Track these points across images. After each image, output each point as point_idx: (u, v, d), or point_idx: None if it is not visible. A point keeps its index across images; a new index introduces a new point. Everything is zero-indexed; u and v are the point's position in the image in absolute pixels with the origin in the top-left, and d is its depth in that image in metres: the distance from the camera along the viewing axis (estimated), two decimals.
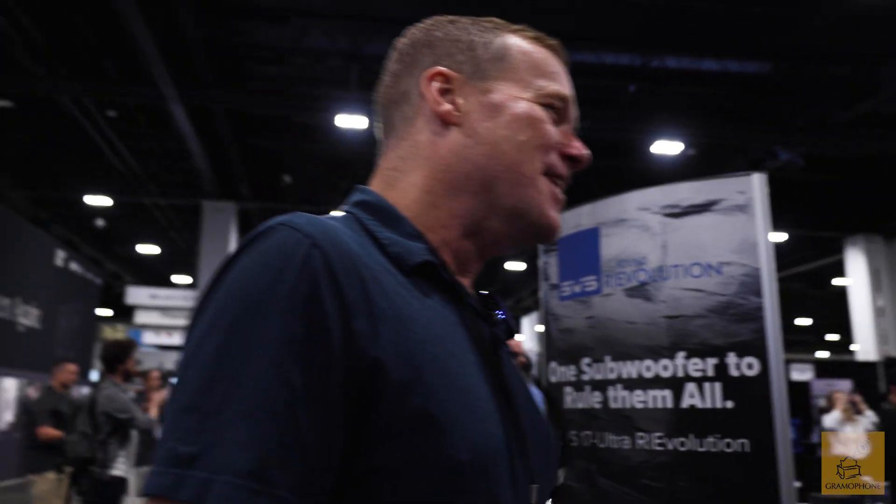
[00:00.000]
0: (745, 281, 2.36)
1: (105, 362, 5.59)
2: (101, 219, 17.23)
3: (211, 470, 0.62)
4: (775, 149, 12.65)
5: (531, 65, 0.95)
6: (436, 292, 0.83)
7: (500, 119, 0.91)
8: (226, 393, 0.64)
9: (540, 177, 0.91)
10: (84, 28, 10.33)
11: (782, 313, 9.16)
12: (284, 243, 0.72)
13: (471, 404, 0.75)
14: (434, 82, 0.94)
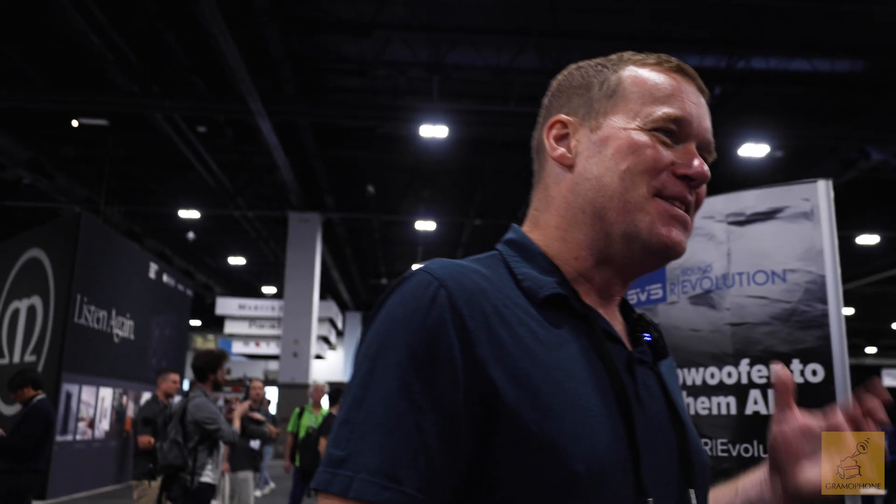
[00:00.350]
0: (810, 288, 2.34)
1: (196, 371, 5.71)
2: (192, 231, 17.78)
3: (353, 470, 0.77)
4: (867, 149, 12.23)
5: (642, 93, 0.98)
6: (567, 321, 0.91)
7: (605, 153, 0.96)
8: (368, 409, 0.80)
9: (649, 200, 0.94)
10: (174, 47, 10.75)
11: (877, 317, 8.80)
12: (418, 285, 0.86)
13: (588, 421, 0.82)
14: (553, 130, 1.02)
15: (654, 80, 0.98)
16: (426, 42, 10.91)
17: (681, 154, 0.96)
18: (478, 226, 17.67)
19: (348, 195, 16.51)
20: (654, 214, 0.93)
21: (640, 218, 0.93)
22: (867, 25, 10.22)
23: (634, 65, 1.00)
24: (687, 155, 0.96)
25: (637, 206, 0.93)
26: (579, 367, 0.87)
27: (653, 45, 9.34)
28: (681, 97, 0.97)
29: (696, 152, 0.97)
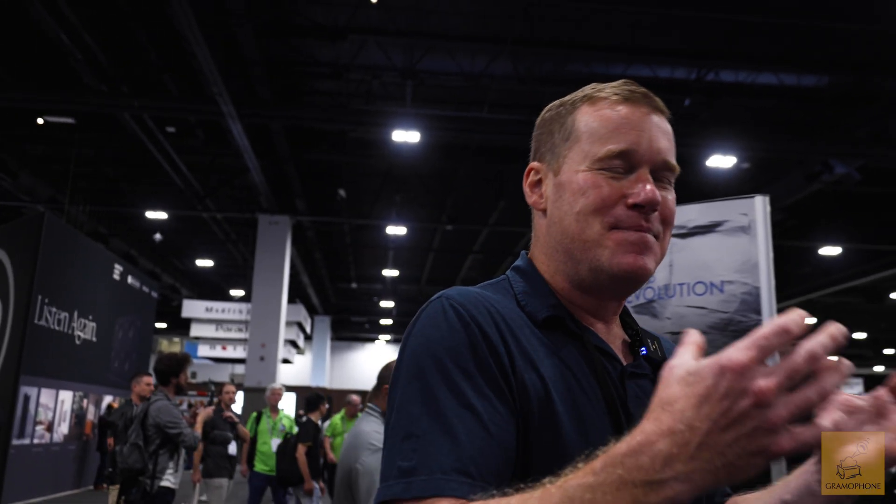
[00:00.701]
0: (746, 299, 2.43)
1: (158, 375, 5.67)
2: (159, 233, 17.58)
3: (427, 473, 0.84)
4: (831, 162, 12.45)
5: (590, 133, 1.05)
6: (564, 339, 1.02)
7: (563, 197, 1.05)
8: (429, 421, 0.88)
9: (605, 234, 1.01)
10: (145, 46, 10.63)
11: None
12: (445, 310, 0.96)
13: (585, 429, 0.94)
14: (529, 177, 1.13)
15: (601, 119, 1.04)
16: (401, 47, 10.91)
17: (631, 183, 1.01)
18: (449, 231, 17.70)
19: (319, 198, 16.44)
20: (613, 246, 1.00)
21: (600, 253, 1.01)
22: (832, 42, 10.44)
23: (588, 104, 1.07)
24: (636, 184, 1.01)
25: (595, 242, 1.01)
26: (575, 381, 0.97)
27: (626, 56, 9.46)
28: (625, 129, 1.03)
29: (648, 178, 1.01)
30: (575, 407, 0.95)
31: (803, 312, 0.70)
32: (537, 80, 11.28)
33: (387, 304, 28.01)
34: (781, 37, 10.41)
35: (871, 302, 24.36)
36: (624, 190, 1.01)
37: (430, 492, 0.83)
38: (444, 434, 0.86)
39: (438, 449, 0.85)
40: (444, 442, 0.86)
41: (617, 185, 1.01)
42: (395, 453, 0.88)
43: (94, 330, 12.74)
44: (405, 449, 0.87)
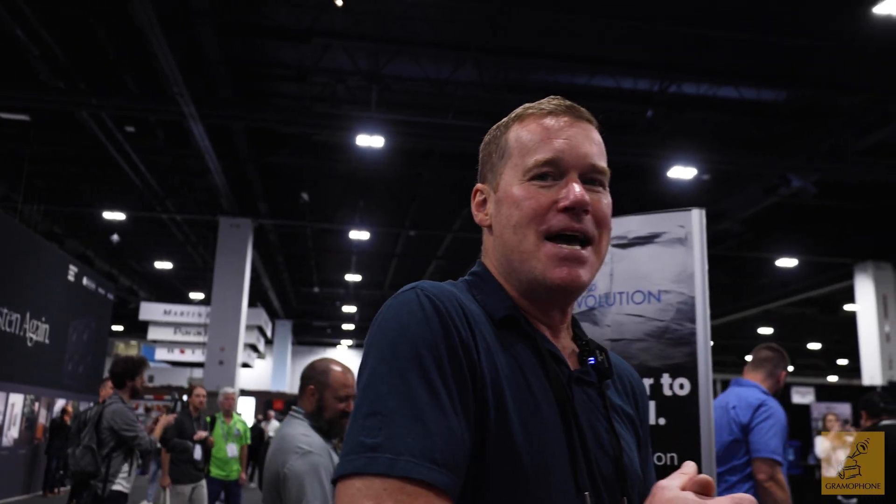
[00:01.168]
0: (681, 308, 2.51)
1: (114, 378, 5.63)
2: (117, 234, 17.30)
3: (394, 453, 0.85)
4: (789, 176, 12.68)
5: (521, 147, 1.12)
6: (519, 340, 1.06)
7: (502, 212, 1.12)
8: (396, 401, 0.89)
9: (541, 245, 1.07)
10: (105, 44, 10.44)
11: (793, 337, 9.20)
12: (419, 299, 0.99)
13: (536, 427, 0.98)
14: (475, 199, 1.20)
15: (528, 133, 1.12)
16: (366, 51, 10.88)
17: (560, 188, 1.07)
18: (412, 237, 17.68)
19: (282, 202, 16.31)
20: (545, 260, 1.06)
21: (535, 265, 1.07)
22: (792, 58, 10.65)
23: (518, 122, 1.15)
24: (565, 188, 1.07)
25: (530, 254, 1.07)
26: (531, 381, 1.01)
27: (590, 67, 9.52)
28: (549, 139, 1.10)
29: (576, 181, 1.08)
30: (526, 403, 0.99)
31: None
32: (502, 87, 11.32)
33: (349, 308, 27.89)
34: (743, 52, 10.58)
35: (825, 313, 24.86)
36: (554, 196, 1.07)
37: (399, 472, 0.84)
38: (414, 419, 0.88)
39: (406, 431, 0.87)
40: (413, 426, 0.87)
41: (548, 192, 1.07)
42: (358, 429, 0.89)
43: (47, 332, 12.48)
44: (369, 426, 0.88)
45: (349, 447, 0.89)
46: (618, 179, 4.99)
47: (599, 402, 1.12)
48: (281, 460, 2.71)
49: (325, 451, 2.77)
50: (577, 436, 1.02)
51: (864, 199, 15.23)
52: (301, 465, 2.65)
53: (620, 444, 1.09)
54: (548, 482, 0.95)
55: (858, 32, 9.69)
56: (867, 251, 16.70)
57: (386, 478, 0.84)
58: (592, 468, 1.02)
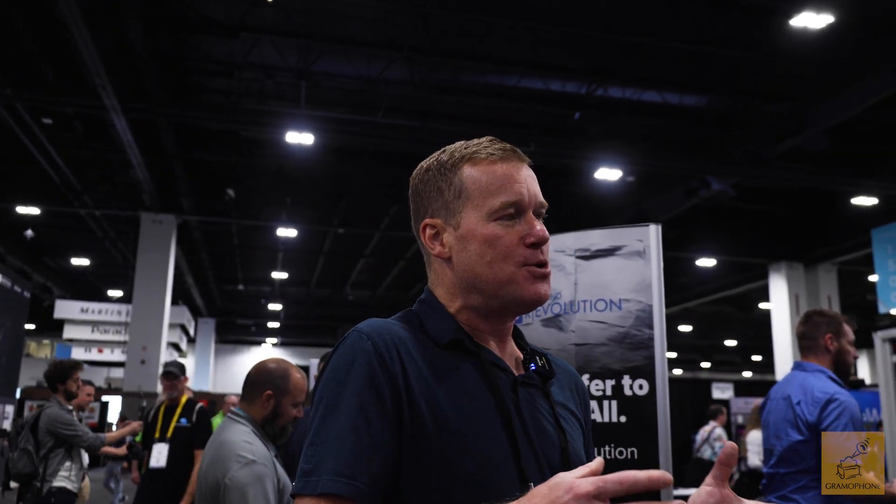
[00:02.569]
0: (640, 315, 2.73)
1: (47, 381, 5.96)
2: (31, 229, 16.66)
3: (318, 475, 1.07)
4: (708, 179, 13.09)
5: (481, 188, 1.26)
6: (464, 358, 1.23)
7: (470, 247, 1.25)
8: (328, 432, 1.11)
9: (517, 271, 1.23)
10: (23, 33, 10.04)
11: (712, 334, 9.49)
12: (354, 342, 1.18)
13: (477, 431, 1.14)
14: (426, 232, 1.31)
15: (487, 175, 1.26)
16: (296, 47, 10.73)
17: (525, 226, 1.24)
18: (340, 234, 17.56)
19: (207, 198, 15.96)
20: (523, 282, 1.23)
21: (513, 288, 1.23)
22: (714, 66, 10.99)
23: (469, 164, 1.28)
24: (528, 225, 1.25)
25: (508, 280, 1.23)
26: (472, 392, 1.18)
27: (520, 69, 9.56)
28: (509, 183, 1.25)
29: (535, 218, 1.26)
30: (466, 412, 1.15)
31: (660, 475, 0.93)
32: (433, 87, 11.35)
33: (275, 306, 27.54)
34: (667, 59, 10.87)
35: (741, 311, 25.72)
36: (520, 233, 1.24)
37: (318, 489, 1.06)
38: (333, 444, 1.09)
39: (327, 456, 1.08)
40: (332, 450, 1.08)
41: (513, 231, 1.24)
42: (303, 457, 1.11)
43: None
44: (308, 454, 1.11)
45: (297, 473, 1.11)
46: (546, 180, 5.10)
47: (545, 402, 1.28)
48: (221, 469, 2.55)
49: (269, 460, 2.64)
50: (523, 433, 1.18)
51: (780, 202, 15.86)
52: (244, 476, 2.52)
53: (566, 437, 1.25)
54: (494, 478, 1.11)
55: (777, 43, 10.07)
56: (781, 252, 17.35)
57: (311, 497, 1.06)
58: (539, 460, 1.18)
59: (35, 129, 11.93)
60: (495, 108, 12.52)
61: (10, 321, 14.60)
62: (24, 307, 15.57)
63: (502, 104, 12.25)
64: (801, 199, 15.46)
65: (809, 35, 9.49)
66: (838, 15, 9.00)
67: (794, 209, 16.26)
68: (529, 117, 12.89)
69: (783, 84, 11.42)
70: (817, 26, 9.14)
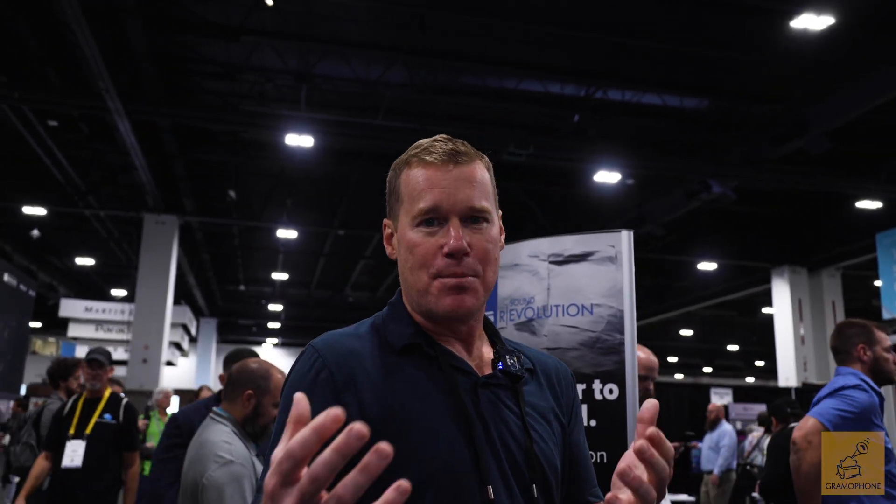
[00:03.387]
0: (611, 320, 2.76)
1: (49, 378, 6.09)
2: (37, 229, 16.79)
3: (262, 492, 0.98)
4: (709, 181, 13.10)
5: (408, 193, 1.25)
6: (422, 361, 1.22)
7: (401, 251, 1.26)
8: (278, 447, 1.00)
9: (431, 283, 1.21)
10: (27, 36, 10.16)
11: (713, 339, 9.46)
12: (307, 357, 1.19)
13: (434, 435, 1.12)
14: (385, 230, 1.34)
15: (414, 180, 1.24)
16: (296, 50, 10.84)
17: (444, 234, 1.21)
18: (340, 236, 17.64)
19: (209, 199, 16.08)
20: (436, 293, 1.21)
21: (428, 299, 1.22)
22: (713, 68, 11.03)
23: (407, 167, 1.27)
24: (446, 235, 1.21)
25: (424, 290, 1.22)
26: (428, 397, 1.16)
27: (519, 71, 9.62)
28: (431, 188, 1.22)
29: (457, 226, 1.21)
30: (423, 416, 1.13)
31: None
32: (432, 89, 11.43)
33: (275, 307, 27.61)
34: (666, 61, 10.91)
35: (743, 315, 25.63)
36: (439, 242, 1.21)
37: None
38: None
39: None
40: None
41: (433, 239, 1.22)
42: (263, 471, 1.06)
43: None
44: (265, 470, 1.04)
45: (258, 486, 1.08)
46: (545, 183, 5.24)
47: (512, 402, 1.25)
48: (200, 469, 2.56)
49: (248, 460, 2.64)
50: (483, 434, 1.16)
51: (782, 205, 15.82)
52: (221, 475, 2.52)
53: (531, 438, 1.22)
54: (452, 481, 1.09)
55: (777, 45, 10.10)
56: (784, 256, 17.26)
57: None
58: (501, 462, 1.16)
59: (41, 131, 12.07)
60: (494, 110, 12.58)
61: (15, 319, 14.81)
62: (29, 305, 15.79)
63: (501, 106, 12.31)
64: (803, 202, 15.41)
65: (810, 36, 9.51)
66: (839, 16, 9.00)
67: (796, 212, 16.22)
68: (528, 119, 12.94)
69: (783, 86, 11.44)
70: (818, 28, 9.15)
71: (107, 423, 5.29)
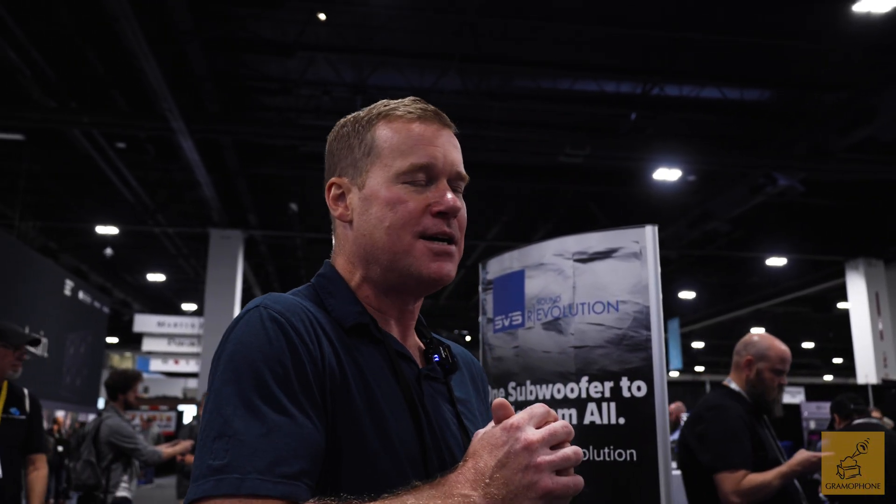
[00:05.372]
0: (637, 317, 2.74)
1: (108, 390, 5.80)
2: (110, 248, 17.38)
3: (240, 473, 0.89)
4: (774, 175, 12.78)
5: (392, 148, 1.16)
6: (368, 345, 1.12)
7: (371, 210, 1.15)
8: (241, 422, 0.93)
9: (415, 243, 1.13)
10: (94, 62, 10.56)
11: (786, 336, 9.12)
12: (263, 318, 1.03)
13: (388, 425, 1.05)
14: (331, 191, 1.23)
15: (399, 135, 1.16)
16: (350, 63, 11.00)
17: (434, 193, 1.14)
18: None
19: (271, 212, 16.38)
20: (420, 256, 1.13)
21: (410, 261, 1.13)
22: (774, 58, 10.76)
23: (384, 121, 1.18)
24: (438, 193, 1.14)
25: (405, 251, 1.13)
26: (377, 383, 1.08)
27: (571, 72, 9.59)
28: (422, 144, 1.15)
29: (447, 187, 1.16)
30: (375, 405, 1.05)
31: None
32: (485, 94, 11.44)
33: None
34: (723, 53, 10.70)
35: (818, 311, 24.88)
36: (428, 200, 1.14)
37: (246, 490, 0.88)
38: (260, 437, 0.92)
39: (253, 450, 0.91)
40: (260, 444, 0.91)
41: (420, 197, 1.14)
42: (206, 453, 0.92)
43: (46, 346, 12.54)
44: (216, 448, 0.91)
45: (197, 472, 0.92)
46: (602, 183, 5.21)
47: (446, 396, 1.21)
48: None
49: None
50: (428, 430, 1.10)
51: (852, 196, 15.30)
52: None
53: (467, 435, 1.18)
54: (402, 476, 1.01)
55: (839, 30, 9.82)
56: (858, 248, 16.72)
57: (233, 497, 0.88)
58: (444, 458, 1.11)
59: (110, 153, 12.52)
60: (549, 112, 12.52)
61: (91, 335, 15.29)
62: (104, 322, 16.29)
63: (556, 108, 12.24)
64: (876, 191, 14.82)
65: (873, 20, 9.25)
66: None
67: (869, 203, 15.65)
68: (584, 120, 12.83)
69: (848, 73, 11.08)
70: (881, 10, 8.89)
71: (14, 418, 4.27)
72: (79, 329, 14.09)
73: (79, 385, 14.02)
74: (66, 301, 13.51)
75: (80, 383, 14.12)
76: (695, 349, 32.73)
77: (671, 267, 18.65)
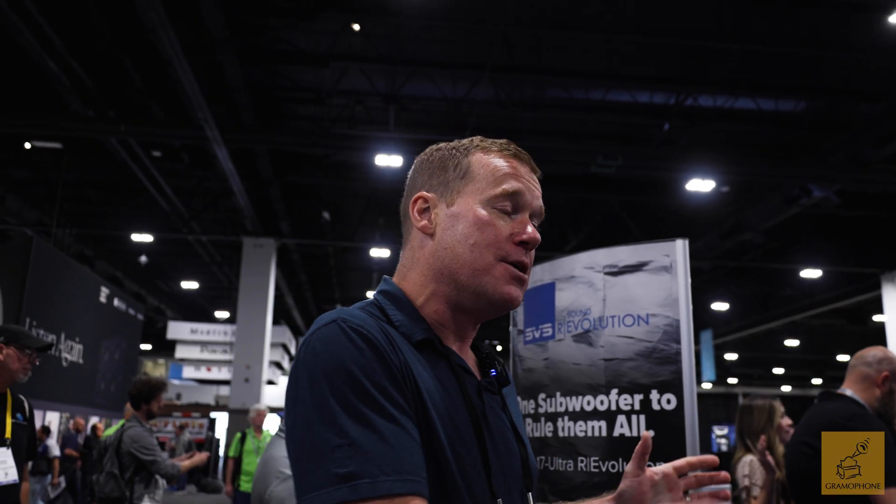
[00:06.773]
0: (668, 330, 2.75)
1: (131, 399, 5.64)
2: (145, 255, 17.63)
3: (371, 477, 0.94)
4: (809, 186, 12.62)
5: (486, 174, 1.22)
6: (435, 358, 1.15)
7: (458, 227, 1.20)
8: (355, 430, 0.97)
9: (496, 265, 1.18)
10: (131, 72, 10.76)
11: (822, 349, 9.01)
12: (347, 330, 1.06)
13: (458, 437, 1.08)
14: (417, 204, 1.26)
15: (495, 163, 1.23)
16: (383, 72, 11.08)
17: (517, 224, 1.21)
18: None
19: (304, 221, 16.53)
20: (499, 277, 1.18)
21: (487, 280, 1.18)
22: (809, 68, 10.68)
23: (481, 151, 1.26)
24: (522, 224, 1.21)
25: (484, 270, 1.17)
26: (448, 395, 1.11)
27: (604, 82, 9.58)
28: (515, 176, 1.23)
29: (529, 220, 1.23)
30: (447, 417, 1.08)
31: None
32: (518, 105, 11.46)
33: None
34: (758, 63, 10.63)
35: (854, 324, 24.52)
36: (512, 228, 1.20)
37: (381, 492, 0.94)
38: (376, 442, 0.96)
39: (373, 455, 0.95)
40: (379, 449, 0.96)
41: (506, 224, 1.20)
42: (326, 462, 0.96)
43: (81, 352, 12.73)
44: (338, 458, 0.95)
45: (320, 481, 0.95)
46: (636, 193, 5.21)
47: (501, 408, 1.25)
48: (264, 485, 2.61)
49: None
50: (489, 441, 1.13)
51: (889, 207, 15.08)
52: (282, 491, 2.54)
53: (525, 447, 1.24)
54: (469, 489, 1.05)
55: (875, 41, 9.72)
56: (895, 260, 16.48)
57: (370, 500, 0.93)
58: (505, 470, 1.15)
59: (146, 161, 12.73)
60: (581, 122, 12.51)
61: (125, 342, 15.49)
62: (138, 329, 16.49)
63: (588, 118, 12.23)
64: None
65: None
66: None
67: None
68: (617, 130, 12.81)
69: (884, 83, 10.93)
70: None
71: (21, 424, 4.13)
72: (114, 336, 14.28)
73: (113, 391, 14.21)
74: (102, 308, 13.70)
75: (114, 389, 14.31)
76: (728, 361, 32.37)
77: (704, 278, 18.49)
